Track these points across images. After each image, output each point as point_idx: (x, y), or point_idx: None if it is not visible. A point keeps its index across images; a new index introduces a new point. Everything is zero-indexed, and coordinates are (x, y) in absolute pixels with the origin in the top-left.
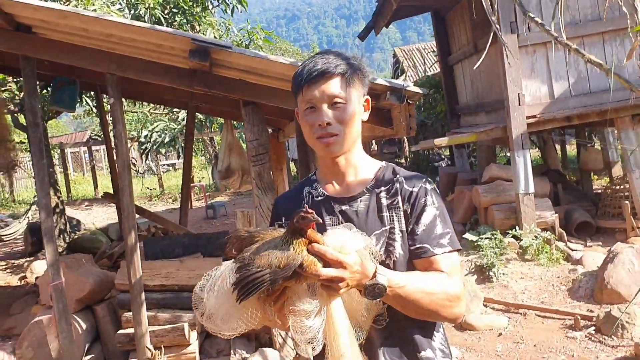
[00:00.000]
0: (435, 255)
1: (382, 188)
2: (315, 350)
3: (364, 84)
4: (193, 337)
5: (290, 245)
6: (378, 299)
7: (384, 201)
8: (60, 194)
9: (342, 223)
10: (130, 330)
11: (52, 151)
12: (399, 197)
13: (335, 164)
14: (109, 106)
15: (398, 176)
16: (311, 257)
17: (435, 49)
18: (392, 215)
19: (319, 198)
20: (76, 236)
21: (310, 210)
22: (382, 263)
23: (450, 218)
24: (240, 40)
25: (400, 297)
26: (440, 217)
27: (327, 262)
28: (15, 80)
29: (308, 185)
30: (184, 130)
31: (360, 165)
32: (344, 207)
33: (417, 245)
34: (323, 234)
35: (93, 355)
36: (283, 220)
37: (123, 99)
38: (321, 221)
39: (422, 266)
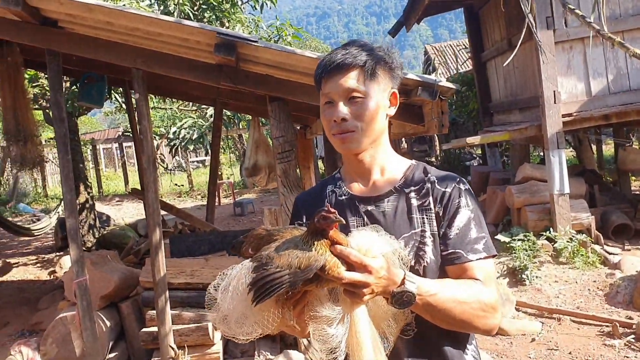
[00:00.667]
0: (469, 261)
1: (412, 188)
2: None
3: (393, 77)
4: (217, 337)
5: (311, 246)
6: (406, 308)
7: (414, 202)
8: (91, 189)
9: (367, 224)
10: (154, 329)
11: (83, 147)
12: (430, 198)
13: (360, 161)
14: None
15: (429, 175)
16: (334, 258)
17: (467, 46)
18: (423, 218)
19: (343, 197)
20: (105, 232)
21: (332, 210)
22: (411, 269)
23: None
24: (269, 36)
25: (431, 306)
26: (474, 220)
27: (350, 266)
28: (47, 76)
29: (331, 184)
30: (212, 127)
31: (387, 163)
32: (369, 208)
33: (450, 251)
34: (347, 235)
35: (117, 352)
36: (304, 219)
37: (153, 96)
38: (344, 222)
39: (454, 273)
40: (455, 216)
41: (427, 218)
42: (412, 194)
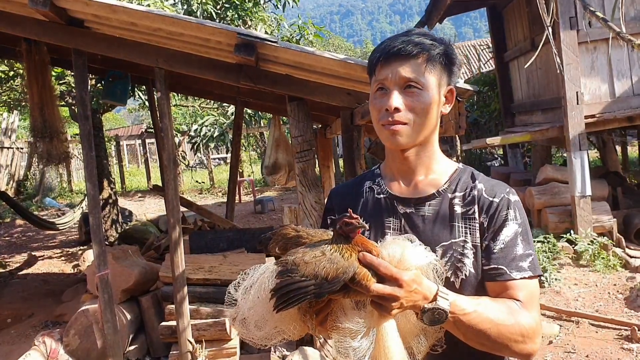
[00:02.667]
0: (512, 279)
1: (457, 194)
2: None
3: (451, 73)
4: (234, 332)
5: (339, 253)
6: (437, 325)
7: (458, 209)
8: (114, 185)
9: (404, 227)
10: (173, 323)
11: (107, 143)
12: (476, 207)
13: (405, 159)
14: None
15: (477, 182)
16: (364, 269)
17: (490, 45)
18: (466, 227)
19: (381, 196)
20: (128, 227)
21: (355, 216)
22: (447, 280)
23: None
24: (291, 35)
25: (464, 325)
26: (522, 236)
27: (380, 277)
28: (73, 74)
29: (370, 180)
30: (233, 125)
31: (433, 164)
32: (408, 210)
33: (492, 266)
34: (383, 238)
35: (137, 345)
36: (336, 215)
37: (175, 94)
38: (367, 227)
39: (494, 290)
40: (502, 229)
41: (470, 228)
42: (456, 200)
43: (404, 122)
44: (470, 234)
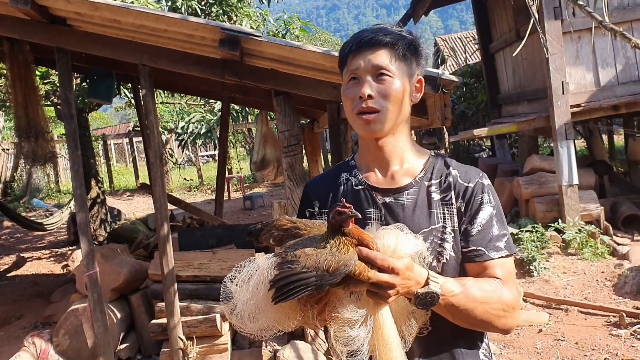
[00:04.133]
0: (491, 259)
1: (433, 181)
2: None
3: (419, 64)
4: (225, 328)
5: (337, 245)
6: (429, 308)
7: (435, 196)
8: (102, 184)
9: (385, 216)
10: (164, 321)
11: (95, 142)
12: (452, 193)
13: (379, 149)
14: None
15: (451, 169)
16: (362, 263)
17: (476, 37)
18: (444, 213)
19: (359, 187)
20: (116, 226)
21: (347, 205)
22: (429, 265)
23: None
24: (277, 30)
25: (453, 306)
26: (496, 217)
27: (376, 267)
28: (57, 73)
29: (346, 171)
30: (220, 122)
31: (407, 154)
32: (388, 200)
33: (471, 248)
34: (365, 228)
35: (128, 344)
36: (316, 209)
37: (161, 91)
38: (360, 216)
39: (474, 271)
40: (478, 212)
41: (448, 213)
42: (433, 188)
43: (377, 110)
44: (448, 219)
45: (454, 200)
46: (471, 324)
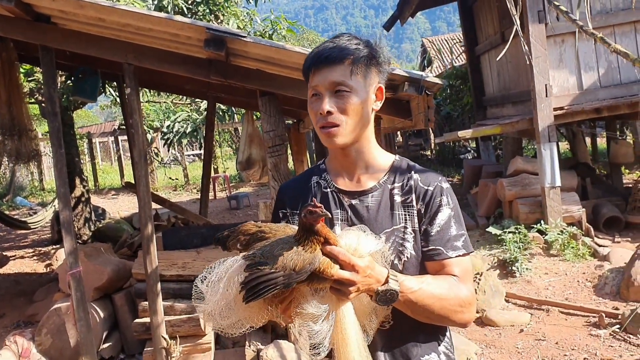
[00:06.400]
0: (449, 258)
1: (396, 184)
2: (320, 355)
3: (380, 71)
4: (209, 327)
5: (304, 245)
6: (389, 305)
7: (397, 198)
8: (87, 183)
9: (351, 218)
10: (147, 320)
11: (80, 141)
12: (413, 195)
13: (346, 155)
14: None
15: (412, 172)
16: (327, 259)
17: (462, 40)
18: (405, 214)
19: (328, 190)
20: (101, 225)
21: (318, 205)
22: (391, 264)
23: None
24: (264, 30)
25: (412, 303)
26: (454, 218)
27: (339, 264)
28: (42, 70)
29: (317, 175)
30: (205, 121)
31: (371, 158)
32: (353, 202)
33: (430, 247)
34: (332, 229)
35: (110, 343)
36: (288, 210)
37: (147, 90)
38: (330, 216)
39: (433, 269)
40: (437, 214)
41: (409, 215)
42: (396, 190)
43: (336, 124)
44: (409, 220)
45: (414, 203)
46: (430, 318)
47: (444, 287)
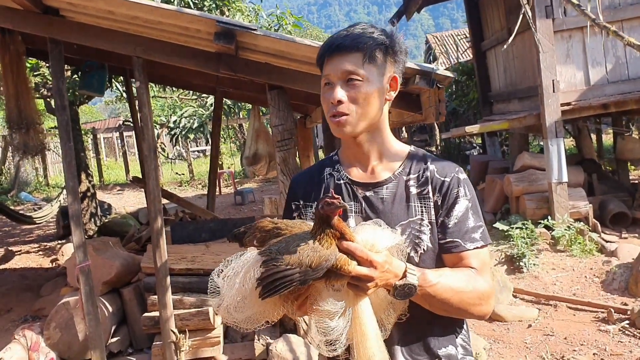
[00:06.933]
0: (467, 250)
1: (412, 176)
2: (335, 351)
3: (395, 61)
4: (218, 321)
5: (319, 240)
6: (407, 299)
7: (413, 190)
8: (92, 178)
9: (365, 210)
10: (156, 314)
11: (84, 136)
12: (430, 187)
13: (358, 145)
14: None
15: (428, 164)
16: (343, 255)
17: (468, 35)
18: (422, 206)
19: (341, 181)
20: (107, 220)
21: (336, 196)
22: (407, 256)
23: (480, 208)
24: (269, 25)
25: (430, 296)
26: (472, 210)
27: (356, 260)
28: (48, 65)
29: (329, 166)
30: (212, 116)
31: (386, 149)
32: (368, 194)
33: (448, 239)
34: (346, 221)
35: (119, 337)
36: (300, 202)
37: (154, 85)
38: (348, 207)
39: (451, 261)
40: (454, 206)
41: (425, 206)
42: (412, 182)
43: (346, 114)
44: (426, 212)
45: (431, 194)
46: (448, 312)
47: (463, 280)
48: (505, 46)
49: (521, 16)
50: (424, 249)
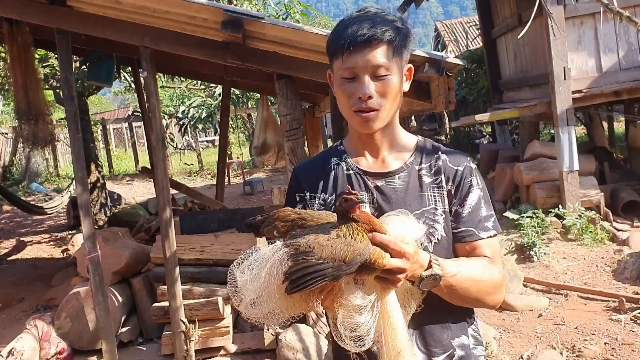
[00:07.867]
0: (480, 239)
1: (424, 165)
2: (364, 347)
3: (408, 50)
4: (227, 311)
5: (351, 233)
6: (431, 289)
7: (426, 179)
8: (102, 169)
9: (377, 200)
10: (165, 304)
11: (94, 127)
12: (442, 176)
13: (372, 138)
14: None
15: (440, 153)
16: (377, 249)
17: (477, 23)
18: (435, 195)
19: (350, 172)
20: (117, 210)
21: (353, 192)
22: (422, 246)
23: (490, 197)
24: (277, 14)
25: (451, 286)
26: (484, 199)
27: (388, 253)
28: (56, 56)
29: (335, 157)
30: (221, 106)
31: (396, 139)
32: (379, 183)
33: (462, 229)
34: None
35: (129, 327)
36: (306, 192)
37: (162, 75)
38: (366, 202)
39: (464, 250)
40: (468, 195)
41: (438, 196)
42: (424, 171)
43: (375, 109)
44: (439, 201)
45: (444, 183)
46: (464, 301)
47: (480, 269)
48: (519, 36)
49: (537, 3)
50: (437, 239)
